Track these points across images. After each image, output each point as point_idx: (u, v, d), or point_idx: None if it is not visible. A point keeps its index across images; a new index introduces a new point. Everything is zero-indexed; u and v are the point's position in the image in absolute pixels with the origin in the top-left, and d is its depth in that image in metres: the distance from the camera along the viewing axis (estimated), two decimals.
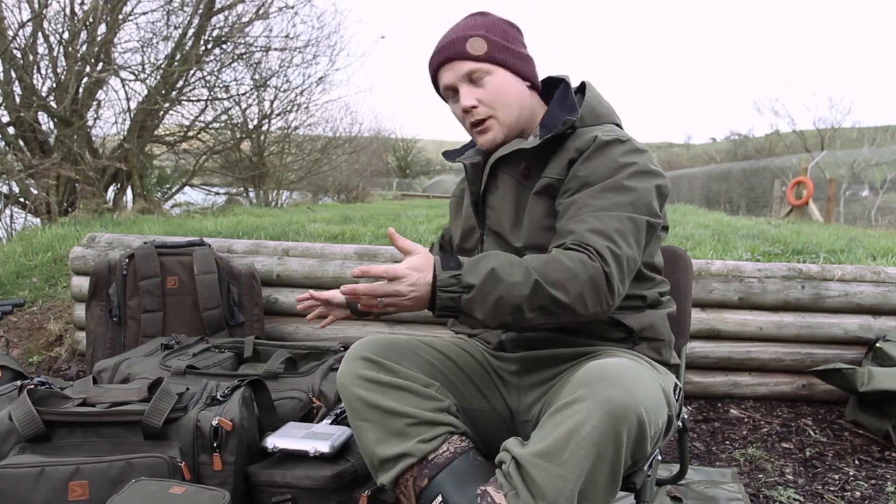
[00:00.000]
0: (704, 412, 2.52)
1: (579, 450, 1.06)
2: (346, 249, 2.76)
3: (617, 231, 1.21)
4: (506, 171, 1.38)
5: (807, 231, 4.42)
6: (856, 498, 1.93)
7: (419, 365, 1.29)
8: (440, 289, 1.14)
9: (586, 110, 1.37)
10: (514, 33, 1.38)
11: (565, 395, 1.11)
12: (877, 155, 14.63)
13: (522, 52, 1.37)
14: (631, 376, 1.11)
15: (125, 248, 2.77)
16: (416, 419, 1.21)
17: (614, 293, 1.18)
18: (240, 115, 9.30)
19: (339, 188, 14.89)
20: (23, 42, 6.15)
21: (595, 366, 1.13)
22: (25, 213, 6.69)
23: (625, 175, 1.26)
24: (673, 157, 41.31)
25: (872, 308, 2.54)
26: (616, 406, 1.06)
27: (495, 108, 1.34)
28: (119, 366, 1.99)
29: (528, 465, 1.08)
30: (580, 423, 1.07)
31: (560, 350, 1.34)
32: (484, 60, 1.32)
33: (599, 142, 1.28)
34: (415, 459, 1.20)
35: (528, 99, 1.38)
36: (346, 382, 1.26)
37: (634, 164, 1.27)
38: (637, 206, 1.25)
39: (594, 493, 1.08)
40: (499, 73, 1.34)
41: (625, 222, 1.22)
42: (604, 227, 1.21)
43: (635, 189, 1.25)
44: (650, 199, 1.26)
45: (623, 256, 1.20)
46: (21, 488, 1.33)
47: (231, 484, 1.44)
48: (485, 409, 1.36)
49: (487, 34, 1.34)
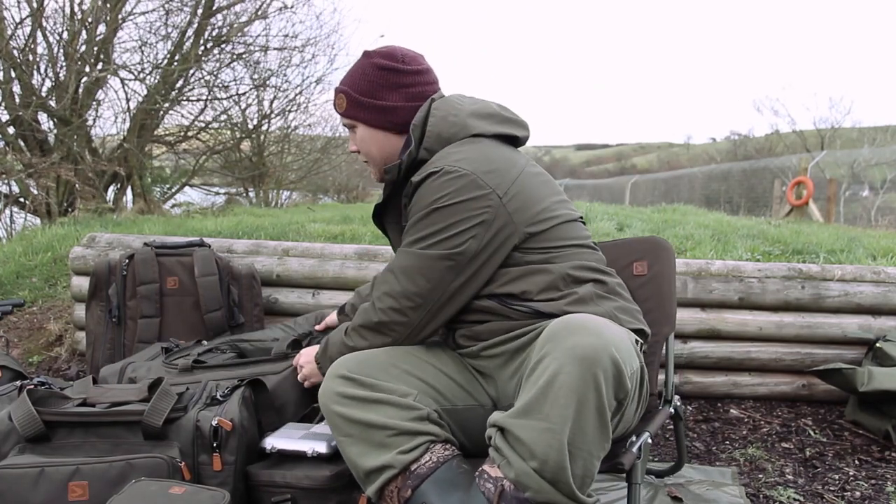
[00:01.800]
0: (704, 412, 2.52)
1: (558, 399, 1.06)
2: (347, 249, 2.76)
3: (401, 268, 1.37)
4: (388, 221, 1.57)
5: (807, 231, 4.42)
6: (856, 498, 1.93)
7: (396, 375, 1.31)
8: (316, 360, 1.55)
9: (431, 138, 1.43)
10: (381, 80, 1.44)
11: (535, 357, 1.13)
12: (877, 155, 14.62)
13: (381, 104, 1.45)
14: (594, 323, 1.14)
15: (125, 249, 2.77)
16: (395, 430, 1.23)
17: (393, 327, 1.38)
18: (239, 115, 9.29)
19: (339, 188, 14.88)
20: (22, 41, 6.15)
21: (556, 321, 1.17)
22: (25, 213, 6.68)
23: (426, 212, 1.34)
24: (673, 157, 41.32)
25: (872, 308, 2.54)
26: (586, 349, 1.08)
27: (364, 155, 1.52)
28: (125, 370, 1.98)
29: (511, 427, 1.09)
30: (554, 373, 1.08)
31: (514, 323, 1.36)
32: (345, 116, 1.50)
33: (413, 185, 1.39)
34: (396, 470, 1.21)
35: (392, 144, 1.48)
36: (326, 401, 1.29)
37: (442, 197, 1.32)
38: (431, 242, 1.33)
39: (585, 441, 1.08)
40: (360, 128, 1.49)
41: (411, 258, 1.35)
42: (395, 264, 1.38)
43: (433, 224, 1.33)
44: (453, 231, 1.32)
45: (399, 293, 1.36)
46: (21, 489, 1.33)
47: (231, 484, 1.44)
48: (471, 406, 1.38)
49: (349, 90, 1.47)
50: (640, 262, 1.72)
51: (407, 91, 1.45)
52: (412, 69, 1.45)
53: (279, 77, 8.94)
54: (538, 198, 1.39)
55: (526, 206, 1.36)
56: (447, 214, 1.32)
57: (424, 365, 1.37)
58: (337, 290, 2.67)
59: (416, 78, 1.46)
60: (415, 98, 1.45)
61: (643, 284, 1.70)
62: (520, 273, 1.35)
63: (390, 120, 1.45)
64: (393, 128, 1.46)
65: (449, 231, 1.31)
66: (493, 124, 1.46)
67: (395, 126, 1.46)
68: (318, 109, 12.35)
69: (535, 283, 1.35)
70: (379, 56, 1.45)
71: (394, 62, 1.44)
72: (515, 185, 1.36)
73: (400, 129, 1.46)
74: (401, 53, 1.46)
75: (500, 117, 1.49)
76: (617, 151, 73.01)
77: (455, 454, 1.25)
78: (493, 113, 1.48)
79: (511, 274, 1.36)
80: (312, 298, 2.66)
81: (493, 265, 1.36)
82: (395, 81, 1.44)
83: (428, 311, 1.36)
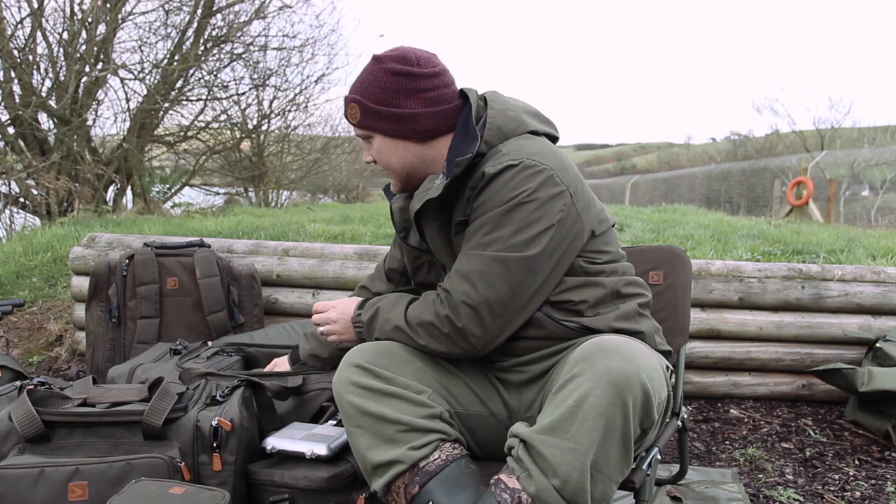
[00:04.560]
0: (704, 412, 2.52)
1: (587, 421, 1.06)
2: (346, 249, 2.76)
3: (478, 273, 1.25)
4: (426, 217, 1.42)
5: (807, 231, 4.42)
6: (856, 498, 1.93)
7: (412, 371, 1.29)
8: (353, 322, 1.46)
9: (491, 132, 1.34)
10: (396, 86, 1.34)
11: (565, 374, 1.12)
12: (877, 155, 14.62)
13: (399, 112, 1.34)
14: (628, 347, 1.13)
15: (125, 249, 2.77)
16: (407, 426, 1.22)
17: (467, 337, 1.26)
18: (239, 115, 9.30)
19: (339, 188, 14.88)
20: (22, 41, 6.16)
21: (591, 342, 1.15)
22: (25, 213, 6.68)
23: (505, 209, 1.25)
24: (673, 157, 41.32)
25: (872, 308, 2.54)
26: (619, 375, 1.07)
27: (383, 166, 1.42)
28: (134, 371, 1.98)
29: (536, 443, 1.08)
30: (584, 394, 1.07)
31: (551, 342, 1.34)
32: (360, 127, 1.39)
33: (487, 177, 1.27)
34: (405, 466, 1.21)
35: (414, 153, 1.38)
36: (340, 389, 1.27)
37: (521, 193, 1.25)
38: (511, 243, 1.24)
39: (607, 465, 1.08)
40: (376, 138, 1.39)
41: (490, 263, 1.24)
42: (469, 268, 1.26)
43: (512, 223, 1.24)
44: (534, 231, 1.24)
45: (480, 301, 1.24)
46: (21, 489, 1.32)
47: (231, 484, 1.44)
48: (482, 413, 1.36)
49: (362, 99, 1.36)
50: (657, 272, 1.69)
51: (425, 96, 1.35)
52: (428, 72, 1.35)
53: (279, 77, 8.96)
54: (593, 199, 1.39)
55: (588, 205, 1.34)
56: (527, 212, 1.24)
57: (440, 365, 1.35)
58: (337, 290, 2.67)
59: (434, 81, 1.36)
60: (434, 103, 1.35)
61: (658, 294, 1.66)
62: (577, 283, 1.32)
63: (411, 128, 1.35)
64: (414, 136, 1.36)
65: (529, 231, 1.24)
66: (540, 123, 1.42)
67: (416, 134, 1.36)
68: (317, 109, 12.37)
69: (592, 295, 1.32)
70: (391, 60, 1.34)
71: (408, 66, 1.34)
72: (580, 184, 1.34)
73: (422, 137, 1.36)
74: (414, 56, 1.35)
75: (543, 117, 1.46)
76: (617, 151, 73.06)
77: (463, 454, 1.25)
78: (538, 112, 1.45)
79: (569, 283, 1.32)
80: (312, 298, 2.66)
81: (562, 268, 1.30)
82: (411, 87, 1.34)
83: (505, 320, 1.26)
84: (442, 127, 1.37)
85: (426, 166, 1.40)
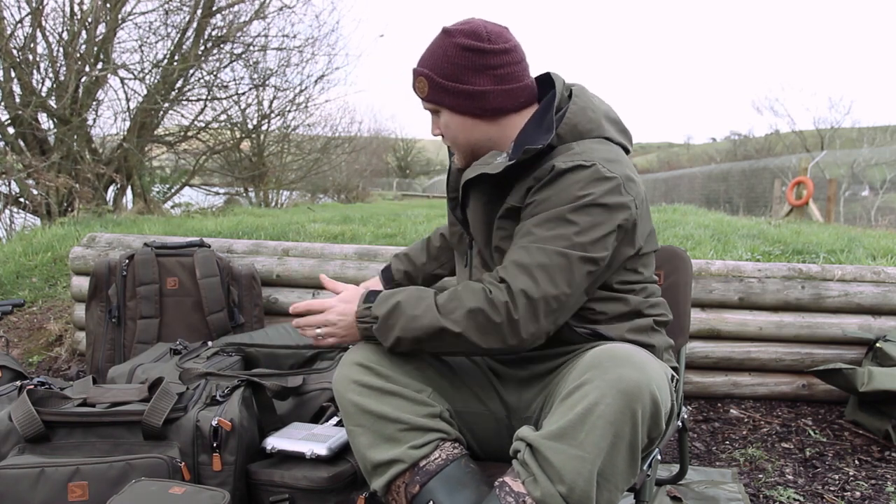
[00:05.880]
0: (704, 412, 2.52)
1: (595, 429, 1.06)
2: (346, 249, 2.76)
3: (541, 266, 1.19)
4: (476, 189, 1.38)
5: (807, 231, 4.42)
6: (856, 498, 1.93)
7: (412, 370, 1.29)
8: (358, 319, 1.29)
9: (567, 127, 1.31)
10: (466, 62, 1.30)
11: (574, 380, 1.12)
12: (877, 155, 14.64)
13: (468, 88, 1.30)
14: (639, 357, 1.13)
15: (125, 249, 2.77)
16: (407, 425, 1.22)
17: (519, 331, 1.18)
18: (239, 115, 9.31)
19: (339, 188, 14.90)
20: (21, 41, 6.15)
21: (601, 349, 1.14)
22: (25, 213, 6.68)
23: (572, 207, 1.21)
24: (673, 157, 41.33)
25: (872, 308, 2.54)
26: (629, 384, 1.07)
27: (450, 141, 1.39)
28: (134, 371, 1.98)
29: (543, 449, 1.08)
30: (594, 402, 1.07)
31: (561, 349, 1.33)
32: (428, 101, 1.36)
33: (556, 171, 1.24)
34: (406, 465, 1.21)
35: (481, 130, 1.35)
36: (340, 387, 1.27)
37: (589, 195, 1.21)
38: (576, 241, 1.20)
39: (614, 474, 1.08)
40: (444, 113, 1.35)
41: (554, 258, 1.19)
42: (529, 260, 1.20)
43: (577, 223, 1.21)
44: (597, 234, 1.21)
45: (540, 295, 1.18)
46: (21, 489, 1.33)
47: (231, 484, 1.44)
48: (481, 412, 1.36)
49: (431, 73, 1.32)
50: (657, 272, 1.67)
51: (495, 73, 1.30)
52: (499, 48, 1.30)
53: (279, 77, 8.96)
54: (650, 218, 1.38)
55: (644, 221, 1.33)
56: (596, 214, 1.22)
57: (440, 364, 1.35)
58: None
59: (504, 58, 1.31)
60: (504, 80, 1.31)
61: None
62: (603, 296, 1.31)
63: (480, 106, 1.31)
64: (482, 114, 1.32)
65: (593, 233, 1.21)
66: (617, 132, 1.39)
67: (485, 112, 1.32)
68: (317, 109, 12.37)
69: (613, 310, 1.32)
70: (462, 35, 1.30)
71: (479, 41, 1.29)
72: (643, 201, 1.32)
73: (490, 115, 1.33)
74: (485, 30, 1.30)
75: (621, 126, 1.42)
76: None
77: (463, 453, 1.25)
78: (618, 120, 1.42)
79: (595, 294, 1.31)
80: (312, 298, 2.66)
81: (606, 275, 1.29)
82: (481, 63, 1.29)
83: (556, 319, 1.22)
84: (511, 106, 1.33)
85: (492, 144, 1.36)
